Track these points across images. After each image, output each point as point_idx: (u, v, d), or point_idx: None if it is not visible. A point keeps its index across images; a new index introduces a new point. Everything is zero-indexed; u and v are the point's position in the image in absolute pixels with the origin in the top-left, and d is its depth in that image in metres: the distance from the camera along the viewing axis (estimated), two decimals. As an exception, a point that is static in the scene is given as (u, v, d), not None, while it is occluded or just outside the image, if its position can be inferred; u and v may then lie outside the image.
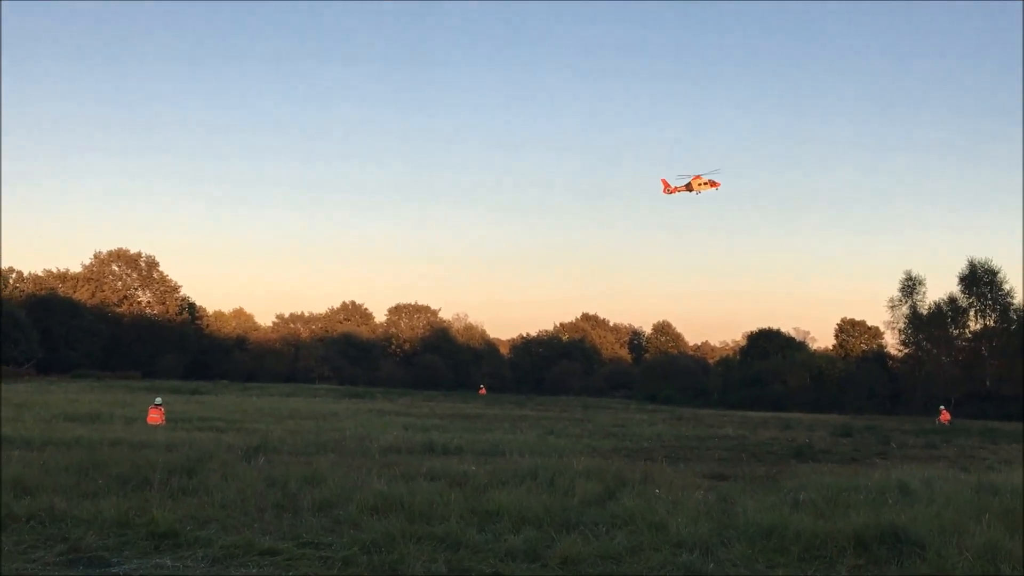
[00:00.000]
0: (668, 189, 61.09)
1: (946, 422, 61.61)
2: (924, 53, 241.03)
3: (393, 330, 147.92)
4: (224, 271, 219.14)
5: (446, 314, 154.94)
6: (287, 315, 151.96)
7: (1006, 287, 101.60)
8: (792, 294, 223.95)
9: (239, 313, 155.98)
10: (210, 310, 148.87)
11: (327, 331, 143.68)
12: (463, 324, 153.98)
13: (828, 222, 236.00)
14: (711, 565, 11.34)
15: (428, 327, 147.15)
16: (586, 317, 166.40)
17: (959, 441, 40.22)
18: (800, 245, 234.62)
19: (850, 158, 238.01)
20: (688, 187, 60.45)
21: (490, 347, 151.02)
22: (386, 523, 13.00)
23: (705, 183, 60.39)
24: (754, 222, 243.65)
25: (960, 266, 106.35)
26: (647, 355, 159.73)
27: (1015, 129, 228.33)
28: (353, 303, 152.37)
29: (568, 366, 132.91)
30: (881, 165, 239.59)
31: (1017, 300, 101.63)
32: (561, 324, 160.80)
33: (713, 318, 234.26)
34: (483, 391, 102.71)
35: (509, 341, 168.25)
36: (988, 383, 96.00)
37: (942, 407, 68.29)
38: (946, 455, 32.28)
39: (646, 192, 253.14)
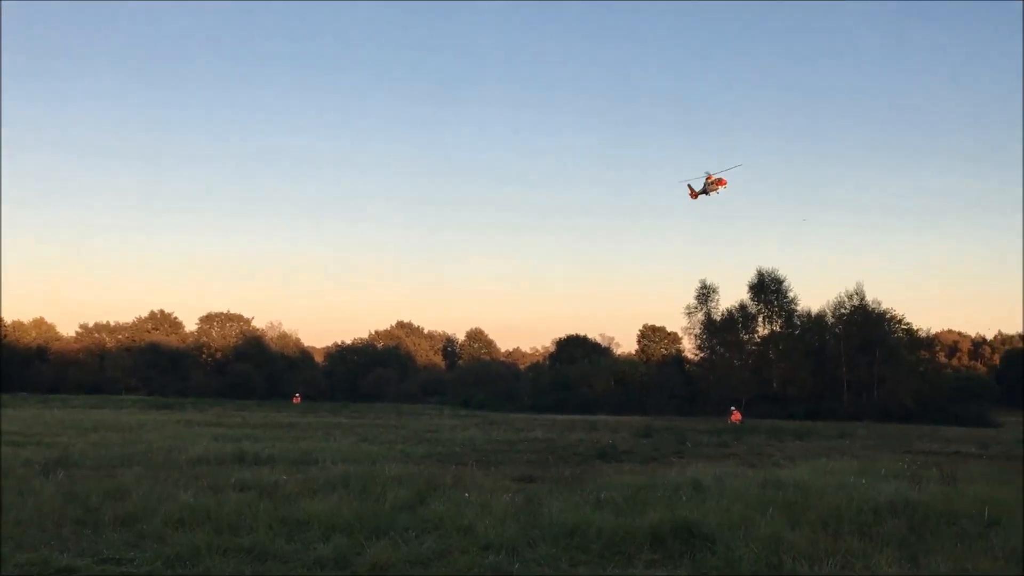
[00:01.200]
0: (694, 194, 58.63)
1: (737, 422, 64.58)
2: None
3: (204, 339, 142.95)
4: (23, 280, 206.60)
5: (260, 322, 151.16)
6: (91, 325, 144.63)
7: (791, 295, 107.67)
8: (599, 301, 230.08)
9: (39, 323, 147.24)
10: (8, 320, 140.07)
11: (134, 341, 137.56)
12: (277, 332, 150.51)
13: (632, 233, 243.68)
14: (516, 565, 11.47)
15: (241, 336, 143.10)
16: (401, 324, 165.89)
17: (748, 439, 42.18)
18: (606, 253, 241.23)
19: (656, 169, 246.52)
20: (705, 190, 58.01)
21: (305, 355, 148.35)
22: (192, 536, 12.54)
23: (715, 182, 58.38)
24: (563, 231, 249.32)
25: (750, 275, 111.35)
26: (460, 361, 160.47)
27: (793, 148, 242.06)
28: (162, 312, 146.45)
29: (383, 373, 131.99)
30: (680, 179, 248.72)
31: (800, 307, 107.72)
32: (376, 332, 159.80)
33: (524, 325, 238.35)
34: (298, 400, 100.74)
35: (324, 349, 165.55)
36: (775, 385, 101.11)
37: (733, 408, 71.52)
38: (736, 453, 33.79)
39: (460, 199, 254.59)
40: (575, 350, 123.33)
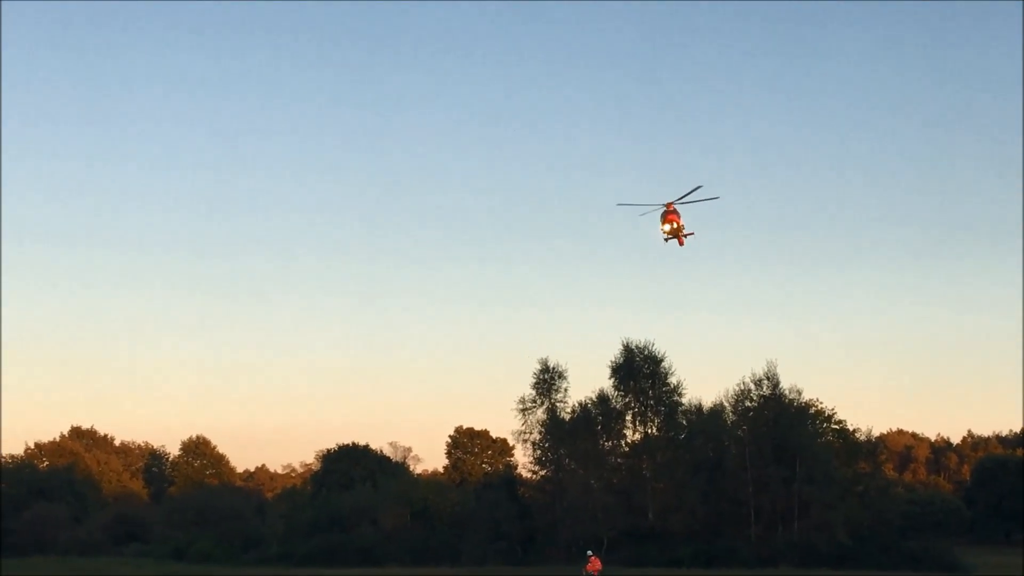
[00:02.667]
0: (679, 238, 56.37)
1: (596, 572, 65.32)
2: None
3: None
4: None
5: None
6: None
7: (672, 381, 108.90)
8: (387, 395, 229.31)
9: None
10: None
11: None
12: None
13: (435, 295, 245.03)
14: None
15: None
16: (78, 432, 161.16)
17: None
18: (397, 325, 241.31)
19: (474, 201, 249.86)
20: (674, 226, 56.82)
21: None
22: None
23: (670, 214, 57.03)
24: (333, 296, 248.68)
25: (613, 352, 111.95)
26: (173, 489, 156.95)
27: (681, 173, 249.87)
28: None
29: (48, 510, 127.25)
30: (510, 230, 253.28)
31: (687, 399, 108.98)
32: (37, 445, 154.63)
33: (273, 432, 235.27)
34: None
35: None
36: (651, 516, 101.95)
37: (590, 552, 72.05)
38: (594, 620, 34.31)
39: (175, 247, 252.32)
40: (352, 468, 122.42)
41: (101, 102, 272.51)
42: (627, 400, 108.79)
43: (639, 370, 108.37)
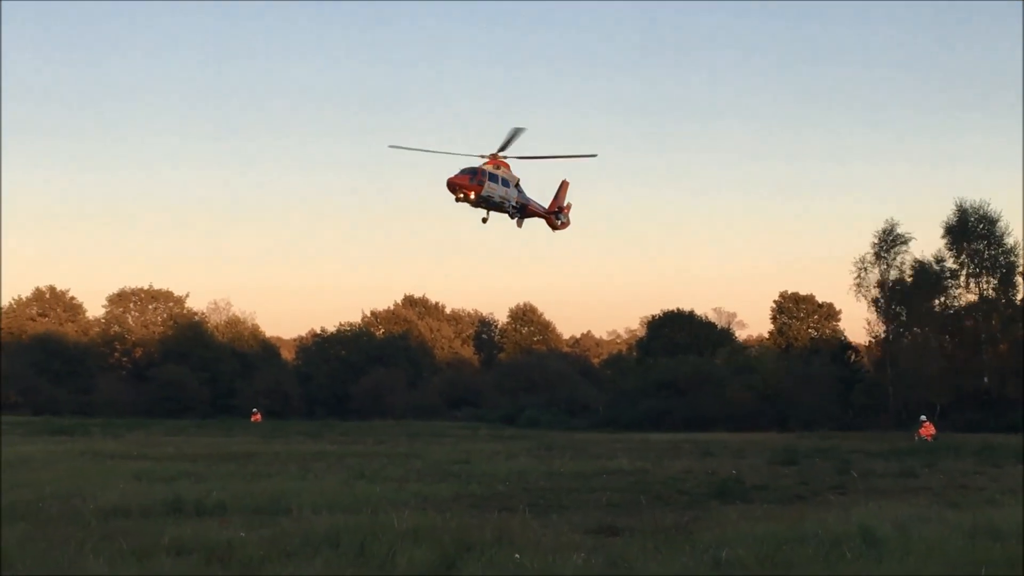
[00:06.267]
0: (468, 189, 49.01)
1: (929, 438, 64.07)
2: None
3: (117, 329, 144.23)
4: None
5: (198, 303, 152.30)
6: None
7: (1009, 241, 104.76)
8: (710, 261, 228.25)
9: None
10: None
11: (13, 334, 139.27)
12: (225, 317, 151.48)
13: (754, 157, 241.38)
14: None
15: (171, 323, 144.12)
16: (411, 301, 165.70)
17: (947, 465, 41.80)
18: (715, 190, 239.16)
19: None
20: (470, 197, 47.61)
21: (268, 350, 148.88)
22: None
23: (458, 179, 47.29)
24: (649, 165, 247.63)
25: (945, 213, 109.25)
26: (503, 355, 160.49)
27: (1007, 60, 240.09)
28: (52, 290, 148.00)
29: (385, 375, 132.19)
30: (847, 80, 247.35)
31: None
32: (373, 313, 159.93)
33: (597, 298, 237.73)
34: (258, 417, 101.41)
35: (295, 341, 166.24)
36: (987, 379, 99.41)
37: (923, 417, 70.70)
38: (929, 485, 33.56)
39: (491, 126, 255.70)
40: (676, 334, 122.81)
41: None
42: (961, 261, 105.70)
43: (973, 231, 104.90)
